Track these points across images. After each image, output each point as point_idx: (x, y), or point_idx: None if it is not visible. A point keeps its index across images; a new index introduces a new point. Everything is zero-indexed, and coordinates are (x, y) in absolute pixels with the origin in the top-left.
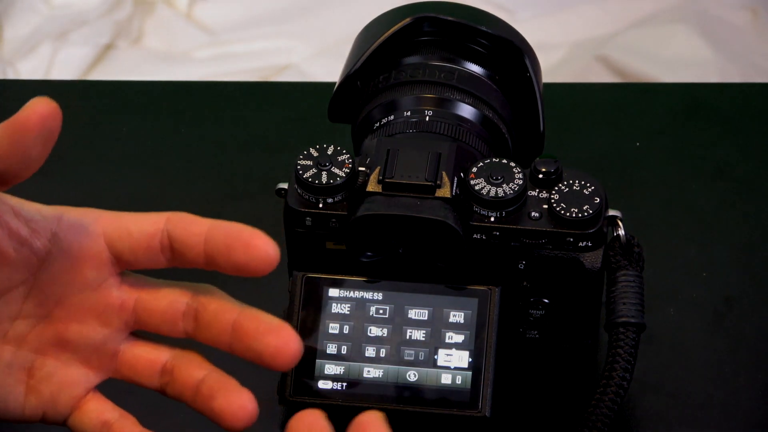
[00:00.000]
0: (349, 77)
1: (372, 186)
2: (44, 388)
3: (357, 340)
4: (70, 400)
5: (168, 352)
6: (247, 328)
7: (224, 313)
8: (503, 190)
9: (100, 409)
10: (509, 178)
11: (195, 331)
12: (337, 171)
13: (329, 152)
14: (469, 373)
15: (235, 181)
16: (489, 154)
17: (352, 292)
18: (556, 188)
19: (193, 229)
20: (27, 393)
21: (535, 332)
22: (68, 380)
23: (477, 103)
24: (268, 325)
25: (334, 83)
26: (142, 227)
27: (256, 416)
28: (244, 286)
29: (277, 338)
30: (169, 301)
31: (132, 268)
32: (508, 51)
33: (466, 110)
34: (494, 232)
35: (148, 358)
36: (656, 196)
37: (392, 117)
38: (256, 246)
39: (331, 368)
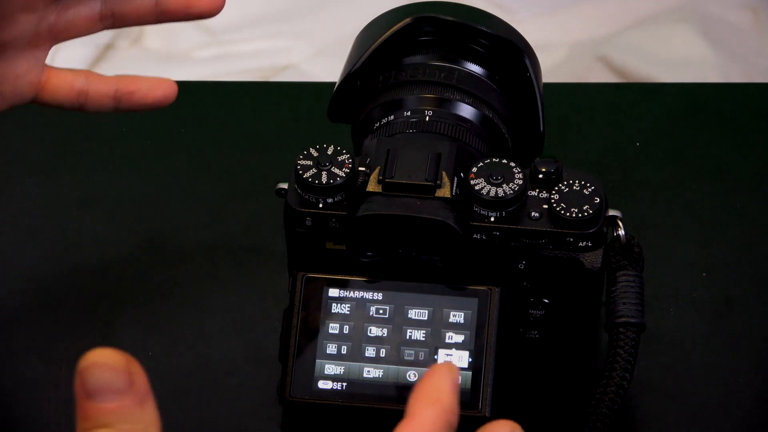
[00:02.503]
0: (349, 77)
1: (372, 186)
2: (3, 88)
3: (357, 340)
4: (31, 86)
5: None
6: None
7: None
8: (503, 190)
9: (64, 80)
10: (509, 178)
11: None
12: (337, 171)
13: (329, 152)
14: (469, 373)
15: (235, 181)
16: (489, 154)
17: (352, 292)
18: (556, 188)
19: None
20: None
21: (535, 332)
22: (21, 71)
23: (477, 103)
24: None
25: (334, 83)
26: None
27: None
28: (244, 285)
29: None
30: None
31: None
32: (508, 51)
33: (466, 110)
34: (494, 232)
35: (81, 13)
36: (656, 196)
37: (392, 117)
38: None
39: (331, 368)
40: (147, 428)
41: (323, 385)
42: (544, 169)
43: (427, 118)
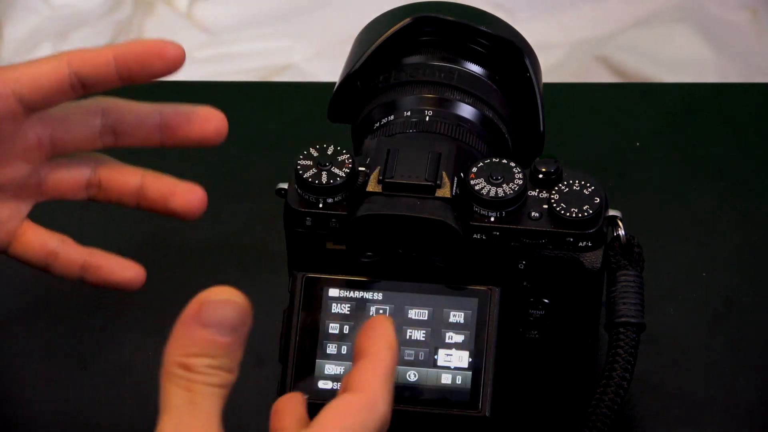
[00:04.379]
0: (349, 77)
1: (372, 186)
2: None
3: None
4: (7, 235)
5: (88, 167)
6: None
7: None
8: (503, 190)
9: (39, 238)
10: (509, 178)
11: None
12: (337, 171)
13: (329, 152)
14: (469, 373)
15: (235, 181)
16: (489, 154)
17: (352, 292)
18: (556, 188)
19: (99, 60)
20: None
21: (535, 332)
22: (1, 219)
23: (477, 103)
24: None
25: (334, 83)
26: (50, 77)
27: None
28: (244, 285)
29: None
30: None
31: (44, 108)
32: (508, 51)
33: (466, 110)
34: (494, 232)
35: (71, 176)
36: (656, 196)
37: (392, 117)
38: (167, 51)
39: (331, 368)
40: (236, 367)
41: (323, 385)
42: (544, 169)
43: (427, 118)
